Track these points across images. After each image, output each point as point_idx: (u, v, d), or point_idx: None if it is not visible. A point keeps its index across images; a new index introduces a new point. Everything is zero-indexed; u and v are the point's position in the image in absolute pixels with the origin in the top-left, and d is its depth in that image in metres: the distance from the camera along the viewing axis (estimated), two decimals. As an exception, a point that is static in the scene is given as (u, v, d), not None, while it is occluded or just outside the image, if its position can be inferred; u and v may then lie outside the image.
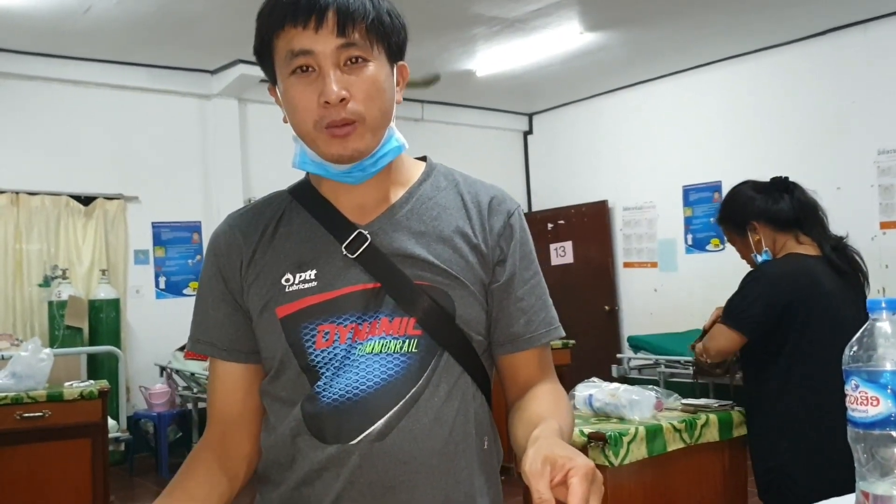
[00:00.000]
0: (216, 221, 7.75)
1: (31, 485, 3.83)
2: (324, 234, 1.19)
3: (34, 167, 6.64)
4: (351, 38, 1.10)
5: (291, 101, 1.13)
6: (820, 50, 6.90)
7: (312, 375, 1.15)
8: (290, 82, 1.13)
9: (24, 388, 3.98)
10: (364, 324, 1.14)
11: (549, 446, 0.94)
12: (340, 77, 1.10)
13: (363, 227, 1.18)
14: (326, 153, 1.13)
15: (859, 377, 0.93)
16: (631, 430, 2.35)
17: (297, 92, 1.12)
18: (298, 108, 1.13)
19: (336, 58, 1.10)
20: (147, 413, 6.55)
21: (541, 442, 0.96)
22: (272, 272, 1.18)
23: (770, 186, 2.63)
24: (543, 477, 0.87)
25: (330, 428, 1.13)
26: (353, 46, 1.10)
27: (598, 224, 8.63)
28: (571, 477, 0.86)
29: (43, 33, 6.16)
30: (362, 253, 1.16)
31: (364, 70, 1.12)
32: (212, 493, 1.18)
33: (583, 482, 0.86)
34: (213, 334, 1.22)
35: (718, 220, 2.75)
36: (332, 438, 1.13)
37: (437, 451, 1.14)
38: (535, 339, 1.23)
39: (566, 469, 0.87)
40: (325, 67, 1.10)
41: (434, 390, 1.15)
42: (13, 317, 6.52)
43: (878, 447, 0.91)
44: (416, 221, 1.19)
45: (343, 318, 1.14)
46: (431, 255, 1.17)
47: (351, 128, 1.11)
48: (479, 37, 6.71)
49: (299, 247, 1.19)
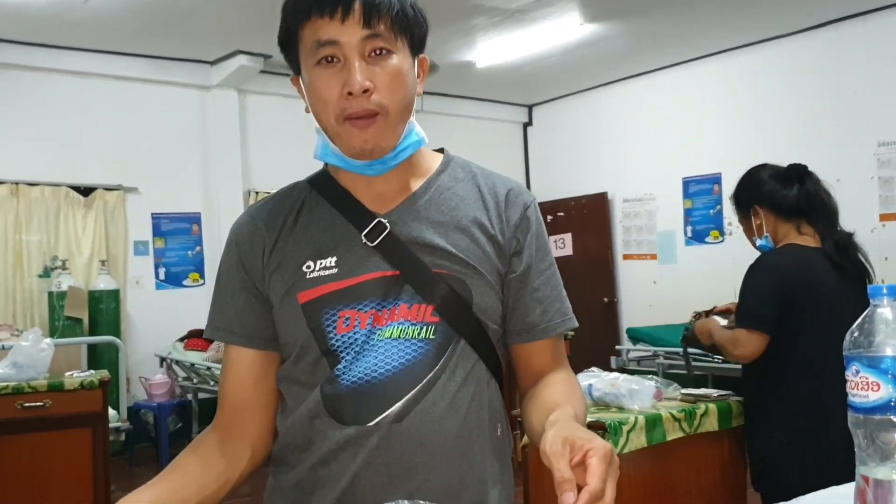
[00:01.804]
0: (216, 212, 7.78)
1: (32, 474, 3.84)
2: (343, 223, 1.21)
3: (34, 158, 6.64)
4: (376, 30, 1.12)
5: (315, 91, 1.15)
6: (820, 42, 6.89)
7: (333, 359, 1.17)
8: (315, 73, 1.14)
9: (24, 377, 3.99)
10: (384, 310, 1.16)
11: (568, 429, 0.97)
12: (365, 68, 1.12)
13: (382, 216, 1.20)
14: (348, 148, 1.15)
15: (860, 363, 0.93)
16: (630, 419, 2.36)
17: (321, 82, 1.14)
18: (322, 98, 1.14)
19: (361, 48, 1.12)
20: (147, 403, 6.56)
21: (560, 424, 0.99)
22: (294, 260, 1.20)
23: (785, 173, 2.62)
24: (564, 457, 0.91)
25: (348, 409, 1.15)
26: (378, 38, 1.12)
27: (597, 216, 8.63)
28: (590, 458, 0.89)
29: (43, 24, 6.15)
30: (382, 241, 1.18)
31: (388, 61, 1.13)
32: (207, 473, 1.19)
33: (601, 463, 0.89)
34: (232, 321, 1.24)
35: (732, 198, 2.75)
36: (350, 420, 1.15)
37: (452, 434, 1.16)
38: (550, 328, 1.26)
39: (585, 450, 0.91)
40: (350, 58, 1.12)
41: (450, 376, 1.17)
42: (13, 307, 6.54)
43: (878, 432, 0.91)
44: (434, 211, 1.22)
45: (363, 305, 1.17)
46: (449, 244, 1.19)
47: (372, 120, 1.13)
48: (479, 28, 6.70)
49: (320, 235, 1.21)
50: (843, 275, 2.48)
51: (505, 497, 1.24)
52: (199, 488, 1.17)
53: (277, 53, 1.22)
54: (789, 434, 2.41)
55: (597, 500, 0.87)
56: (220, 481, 1.20)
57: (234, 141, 7.48)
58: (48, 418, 3.91)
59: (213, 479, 1.19)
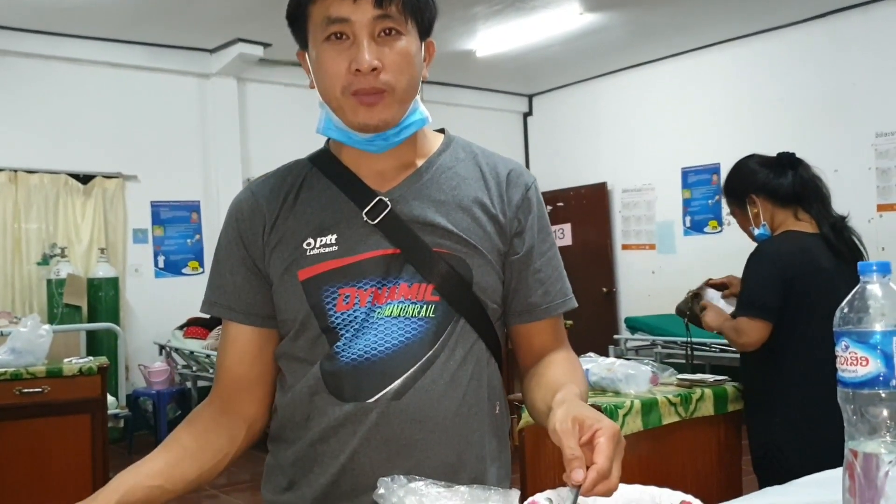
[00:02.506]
0: (215, 201, 7.77)
1: (31, 459, 3.85)
2: (344, 201, 1.21)
3: (33, 145, 6.65)
4: (387, 11, 1.12)
5: (322, 65, 1.15)
6: (819, 32, 6.89)
7: (332, 336, 1.17)
8: (323, 48, 1.15)
9: (23, 363, 3.98)
10: (384, 288, 1.17)
11: (577, 408, 0.99)
12: (374, 47, 1.13)
13: (383, 195, 1.20)
14: (353, 120, 1.16)
15: (850, 338, 0.94)
16: (626, 403, 2.37)
17: (328, 58, 1.14)
18: (329, 73, 1.15)
19: (371, 28, 1.13)
20: (146, 391, 6.58)
21: (568, 404, 1.01)
22: (294, 237, 1.21)
23: (775, 161, 2.64)
24: (573, 435, 0.93)
25: (348, 386, 1.16)
26: (388, 18, 1.13)
27: (596, 206, 8.64)
28: (598, 437, 0.92)
29: (41, 10, 6.14)
30: (382, 219, 1.18)
31: (397, 42, 1.14)
32: (206, 448, 1.21)
33: (609, 442, 0.91)
34: (230, 297, 1.24)
35: (723, 190, 2.76)
36: (350, 396, 1.16)
37: (451, 412, 1.17)
38: (551, 308, 1.27)
39: (594, 429, 0.93)
40: (359, 36, 1.12)
41: (450, 354, 1.18)
42: (12, 295, 6.55)
43: (866, 406, 0.92)
44: (435, 190, 1.22)
45: (363, 283, 1.17)
46: (450, 223, 1.19)
47: (379, 97, 1.13)
48: (480, 16, 6.70)
49: (320, 212, 1.21)
50: (841, 258, 2.50)
51: (503, 475, 1.25)
52: (196, 462, 1.19)
53: (277, 42, 1.24)
54: (790, 418, 2.42)
55: (604, 478, 0.89)
56: (219, 456, 1.21)
57: (233, 129, 7.48)
58: (47, 404, 3.91)
59: (210, 454, 1.20)
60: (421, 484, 0.96)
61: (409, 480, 0.98)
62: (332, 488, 1.17)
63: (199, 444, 1.20)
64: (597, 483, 0.89)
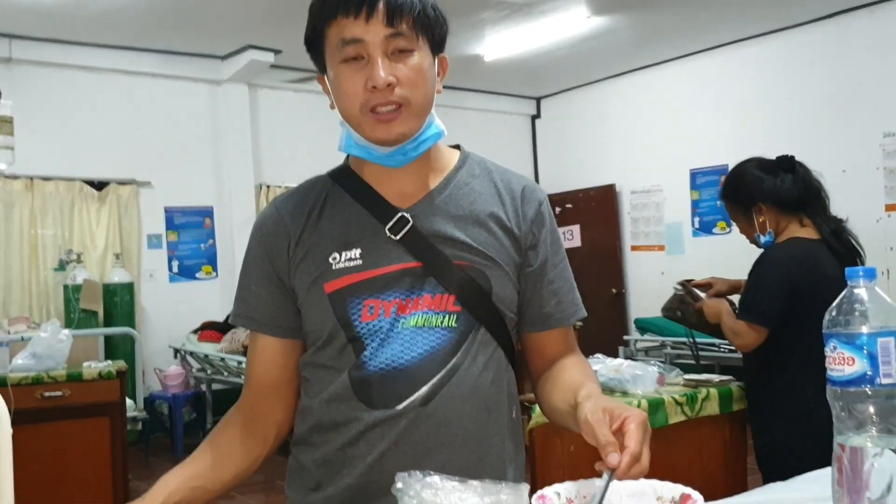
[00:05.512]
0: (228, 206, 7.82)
1: (52, 462, 3.92)
2: (367, 217, 1.26)
3: (48, 153, 6.71)
4: (399, 29, 1.17)
5: (340, 86, 1.20)
6: (827, 33, 6.91)
7: (358, 346, 1.23)
8: (340, 69, 1.20)
9: (44, 368, 4.07)
10: (407, 300, 1.23)
11: (604, 400, 1.08)
12: (388, 64, 1.17)
13: (405, 211, 1.26)
14: (371, 136, 1.21)
15: (837, 339, 1.00)
16: (633, 403, 2.42)
17: (345, 78, 1.19)
18: (346, 92, 1.20)
19: (384, 46, 1.17)
20: (162, 394, 6.64)
21: (596, 398, 1.09)
22: (319, 251, 1.26)
23: (775, 165, 2.62)
24: (605, 423, 1.01)
25: (377, 394, 1.22)
26: (400, 36, 1.18)
27: (605, 208, 8.67)
28: (628, 425, 1.00)
29: (55, 19, 6.22)
30: (405, 235, 1.24)
31: (410, 59, 1.19)
32: (240, 450, 1.29)
33: (639, 429, 0.99)
34: (256, 310, 1.30)
35: (723, 196, 2.73)
36: (379, 403, 1.21)
37: (473, 416, 1.24)
38: (564, 318, 1.34)
39: (623, 418, 1.01)
40: (373, 55, 1.17)
41: (472, 361, 1.24)
42: (29, 300, 6.63)
43: (853, 403, 0.98)
44: (453, 206, 1.28)
45: (387, 294, 1.23)
46: (469, 237, 1.25)
47: (396, 112, 1.19)
48: (487, 21, 6.75)
49: (344, 228, 1.27)
50: (843, 262, 2.52)
51: (518, 475, 1.31)
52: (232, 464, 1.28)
53: (287, 48, 1.29)
54: (794, 419, 2.45)
55: (636, 461, 0.97)
56: (252, 457, 1.29)
57: (245, 135, 7.54)
58: (67, 408, 3.99)
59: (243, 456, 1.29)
60: (437, 478, 1.01)
61: (425, 475, 1.02)
62: (360, 490, 1.23)
63: (233, 447, 1.28)
64: (631, 465, 0.96)
